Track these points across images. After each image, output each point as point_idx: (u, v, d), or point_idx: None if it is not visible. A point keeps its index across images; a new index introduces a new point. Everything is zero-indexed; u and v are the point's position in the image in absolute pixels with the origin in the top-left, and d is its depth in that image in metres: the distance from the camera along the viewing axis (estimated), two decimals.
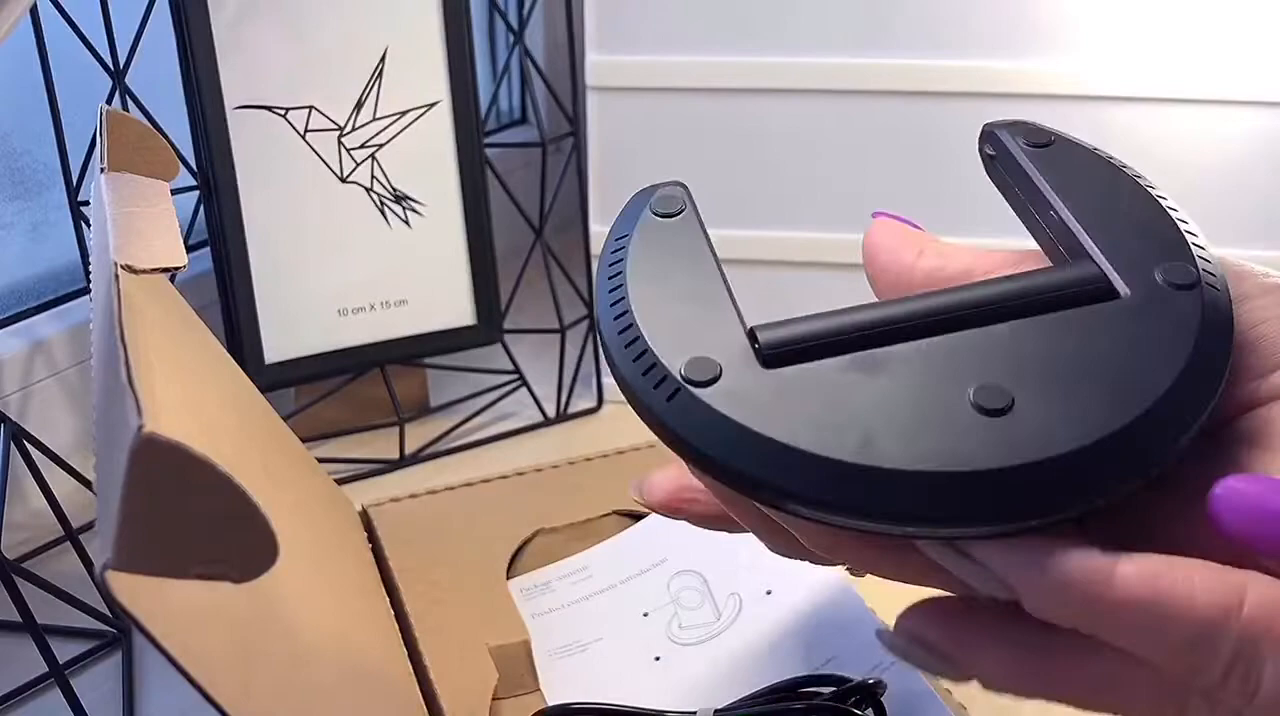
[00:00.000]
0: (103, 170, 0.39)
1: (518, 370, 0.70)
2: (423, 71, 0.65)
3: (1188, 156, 0.62)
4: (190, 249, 0.49)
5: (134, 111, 0.57)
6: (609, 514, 0.54)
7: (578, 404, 0.70)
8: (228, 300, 0.62)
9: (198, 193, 0.61)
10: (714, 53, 0.64)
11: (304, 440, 0.58)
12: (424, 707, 0.43)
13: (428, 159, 0.66)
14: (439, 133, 0.66)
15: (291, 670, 0.31)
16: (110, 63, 0.56)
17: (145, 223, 0.36)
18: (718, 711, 0.42)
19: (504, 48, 0.89)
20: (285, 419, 0.55)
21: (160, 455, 0.23)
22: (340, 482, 0.62)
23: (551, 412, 0.69)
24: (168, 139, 0.43)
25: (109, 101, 0.57)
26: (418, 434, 0.67)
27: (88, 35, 0.55)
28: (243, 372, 0.48)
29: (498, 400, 0.70)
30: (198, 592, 0.25)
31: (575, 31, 0.68)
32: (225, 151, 0.60)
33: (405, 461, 0.65)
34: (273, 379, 0.63)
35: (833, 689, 0.41)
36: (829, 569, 0.42)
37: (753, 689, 0.42)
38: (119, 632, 0.51)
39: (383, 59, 0.64)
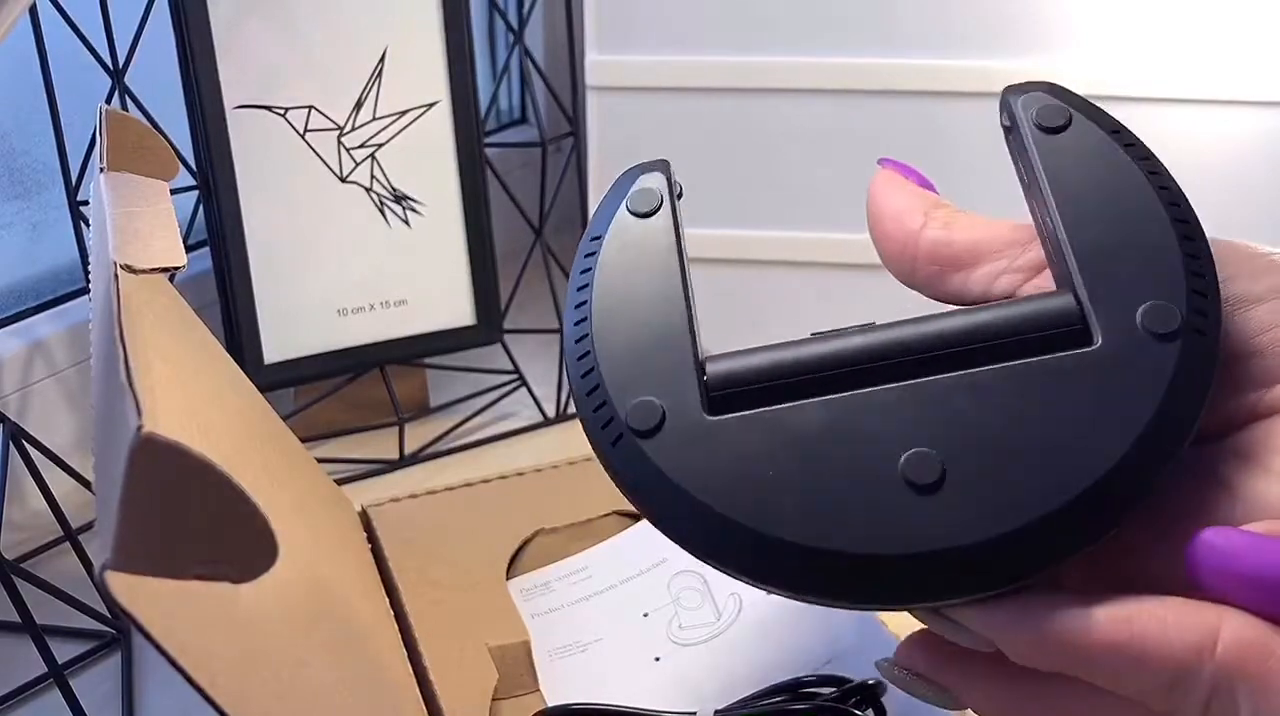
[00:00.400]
0: (102, 170, 0.39)
1: (517, 370, 0.70)
2: (422, 71, 0.65)
3: (1188, 156, 0.62)
4: (190, 249, 0.49)
5: (133, 111, 0.57)
6: (609, 514, 0.54)
7: None
8: (227, 300, 0.62)
9: (197, 193, 0.61)
10: (714, 53, 0.64)
11: (304, 440, 0.58)
12: (424, 707, 0.43)
13: (427, 159, 0.66)
14: (439, 133, 0.66)
15: (291, 670, 0.31)
16: (110, 63, 0.56)
17: (145, 222, 0.36)
18: (718, 711, 0.41)
19: (504, 48, 0.89)
20: (285, 419, 0.55)
21: (160, 455, 0.23)
22: (340, 482, 0.62)
23: (551, 413, 0.69)
24: (167, 139, 0.43)
25: (108, 101, 0.57)
26: (417, 434, 0.67)
27: (87, 35, 0.55)
28: (243, 373, 0.48)
29: (498, 400, 0.70)
30: (198, 592, 0.25)
31: (575, 31, 0.68)
32: (225, 151, 0.60)
33: (405, 461, 0.65)
34: (273, 379, 0.63)
35: (833, 689, 0.41)
36: None
37: (753, 689, 0.42)
38: (119, 632, 0.51)
39: (382, 59, 0.64)
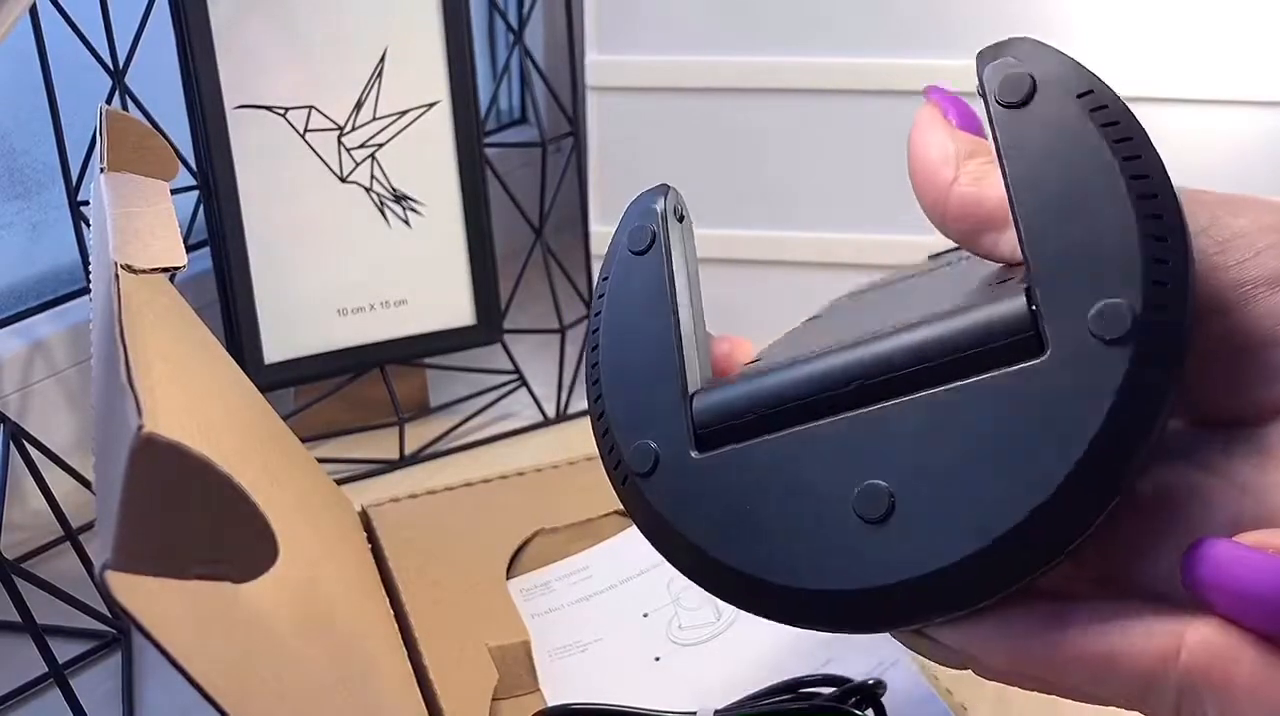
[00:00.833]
0: (102, 170, 0.39)
1: (517, 370, 0.70)
2: (422, 71, 0.65)
3: (1188, 156, 0.62)
4: (190, 249, 0.49)
5: (134, 111, 0.57)
6: (609, 514, 0.54)
7: (578, 404, 0.70)
8: (227, 300, 0.62)
9: (198, 193, 0.61)
10: (714, 53, 0.64)
11: (304, 440, 0.58)
12: (424, 707, 0.43)
13: (427, 159, 0.66)
14: (439, 132, 0.66)
15: (291, 670, 0.31)
16: (110, 63, 0.56)
17: (145, 222, 0.36)
18: (718, 711, 0.41)
19: (504, 48, 0.89)
20: (285, 419, 0.55)
21: (160, 455, 0.23)
22: (340, 482, 0.62)
23: (551, 413, 0.69)
24: (168, 139, 0.43)
25: (109, 101, 0.57)
26: (418, 434, 0.67)
27: (87, 35, 0.55)
28: (243, 373, 0.48)
29: (498, 400, 0.70)
30: (198, 592, 0.25)
31: (575, 31, 0.68)
32: (225, 151, 0.60)
33: (405, 461, 0.65)
34: (273, 379, 0.63)
35: (833, 689, 0.41)
36: None
37: (753, 689, 0.42)
38: (119, 632, 0.51)
39: (382, 59, 0.64)
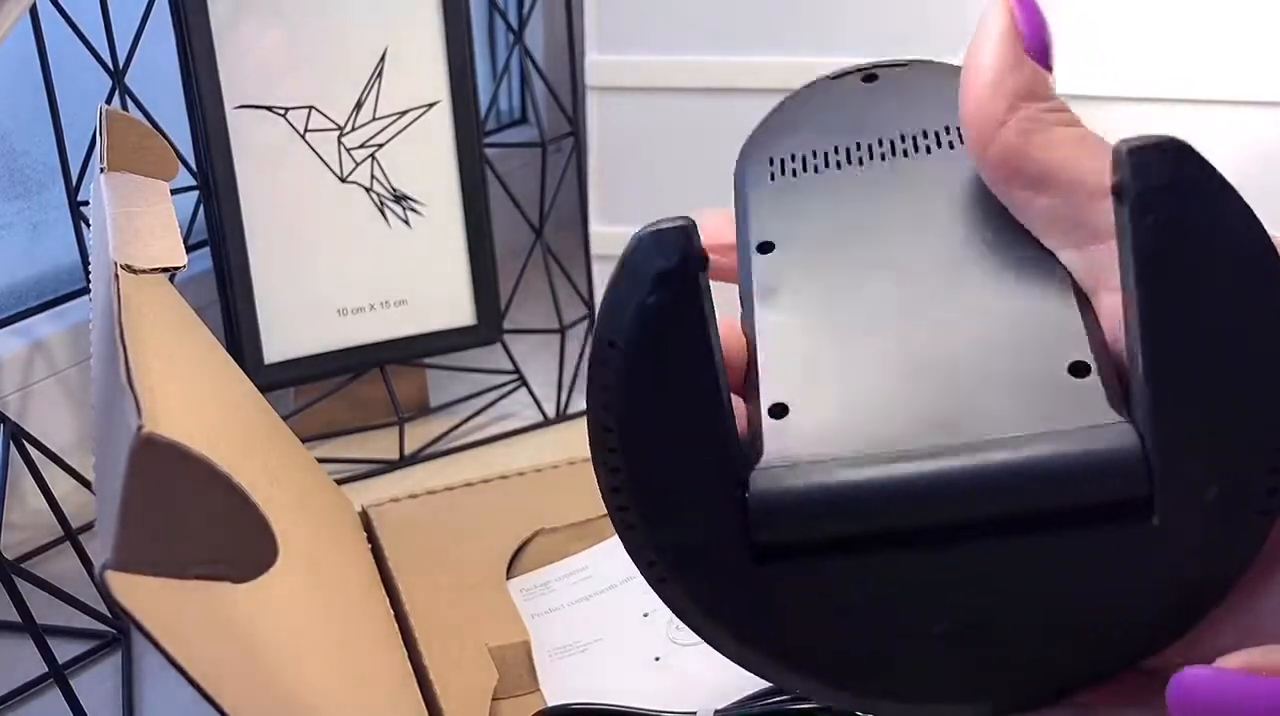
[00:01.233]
0: (102, 170, 0.39)
1: (517, 370, 0.70)
2: (423, 71, 0.65)
3: None
4: (190, 249, 0.49)
5: (134, 111, 0.57)
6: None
7: (578, 404, 0.70)
8: (227, 300, 0.62)
9: (198, 193, 0.61)
10: (714, 53, 0.64)
11: (304, 440, 0.58)
12: (424, 707, 0.43)
13: (428, 159, 0.66)
14: (439, 132, 0.66)
15: (291, 670, 0.31)
16: (110, 63, 0.56)
17: (145, 223, 0.36)
18: (718, 711, 0.41)
19: (504, 48, 0.89)
20: (285, 419, 0.55)
21: (160, 455, 0.23)
22: (340, 482, 0.62)
23: (551, 413, 0.69)
24: (168, 139, 0.43)
25: (109, 101, 0.57)
26: (418, 434, 0.67)
27: (88, 35, 0.55)
28: (243, 373, 0.48)
29: (498, 400, 0.70)
30: (198, 592, 0.25)
31: (575, 31, 0.68)
32: (225, 151, 0.60)
33: (405, 461, 0.65)
34: (273, 379, 0.63)
35: None
36: None
37: (752, 689, 0.42)
38: (119, 632, 0.51)
39: (382, 59, 0.64)
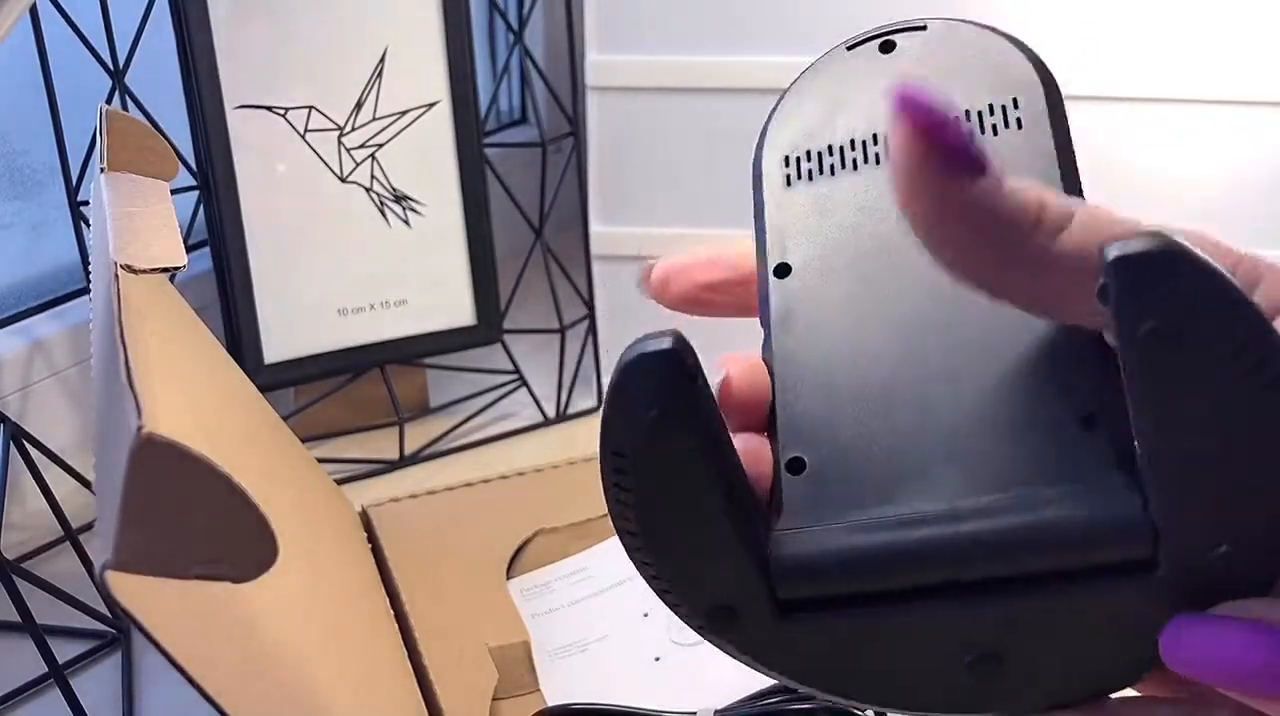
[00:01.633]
0: (103, 170, 0.39)
1: (518, 370, 0.70)
2: (422, 71, 0.65)
3: (1188, 157, 0.62)
4: (190, 249, 0.49)
5: (134, 111, 0.57)
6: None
7: (578, 404, 0.70)
8: (227, 300, 0.62)
9: (198, 193, 0.61)
10: (714, 53, 0.64)
11: (304, 440, 0.58)
12: (424, 707, 0.43)
13: (428, 159, 0.66)
14: (439, 132, 0.66)
15: (291, 670, 0.31)
16: (110, 63, 0.56)
17: (145, 223, 0.36)
18: (718, 711, 0.42)
19: (504, 48, 0.89)
20: (285, 419, 0.55)
21: (160, 455, 0.23)
22: (340, 482, 0.62)
23: (551, 413, 0.69)
24: (167, 139, 0.43)
25: (109, 101, 0.57)
26: (417, 434, 0.67)
27: (88, 35, 0.55)
28: (243, 373, 0.48)
29: (498, 400, 0.70)
30: (198, 592, 0.25)
31: (575, 31, 0.68)
32: (225, 151, 0.60)
33: (405, 461, 0.65)
34: (273, 379, 0.63)
35: None
36: None
37: (753, 689, 0.42)
38: (119, 632, 0.51)
39: (382, 59, 0.64)
